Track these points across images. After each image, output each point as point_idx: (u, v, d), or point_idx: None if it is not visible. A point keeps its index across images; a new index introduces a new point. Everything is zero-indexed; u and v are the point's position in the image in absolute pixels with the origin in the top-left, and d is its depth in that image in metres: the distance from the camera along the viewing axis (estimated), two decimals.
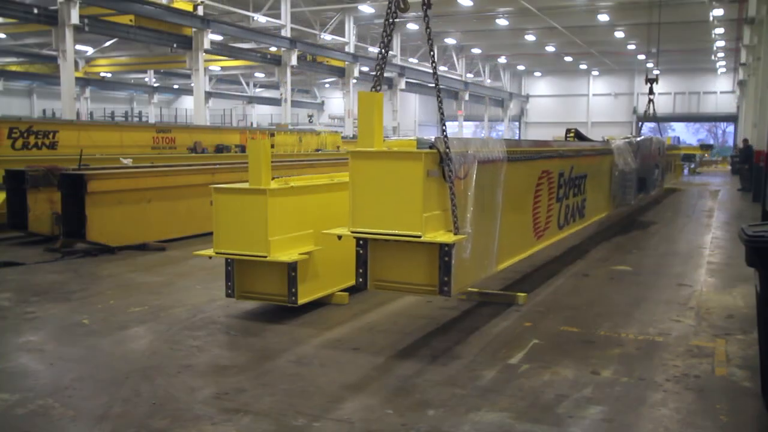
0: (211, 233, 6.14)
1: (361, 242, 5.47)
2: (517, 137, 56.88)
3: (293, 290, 5.99)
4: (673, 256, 9.69)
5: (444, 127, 5.48)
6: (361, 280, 5.46)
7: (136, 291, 7.23)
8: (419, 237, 5.12)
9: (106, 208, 9.60)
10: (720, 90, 53.37)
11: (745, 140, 23.48)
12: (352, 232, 5.42)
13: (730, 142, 53.42)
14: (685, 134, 57.28)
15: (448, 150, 5.27)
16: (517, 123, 60.86)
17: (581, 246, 10.44)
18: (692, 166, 32.85)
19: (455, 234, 5.28)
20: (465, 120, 52.08)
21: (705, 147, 35.50)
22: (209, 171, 11.62)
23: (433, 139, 5.38)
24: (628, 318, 6.26)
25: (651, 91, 18.51)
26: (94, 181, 9.50)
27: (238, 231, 5.99)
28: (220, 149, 23.51)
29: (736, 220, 13.72)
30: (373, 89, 5.63)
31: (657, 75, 19.47)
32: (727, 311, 6.51)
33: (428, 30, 5.59)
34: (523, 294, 6.82)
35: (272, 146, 23.63)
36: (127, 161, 13.37)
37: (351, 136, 34.94)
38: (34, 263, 8.64)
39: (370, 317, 6.22)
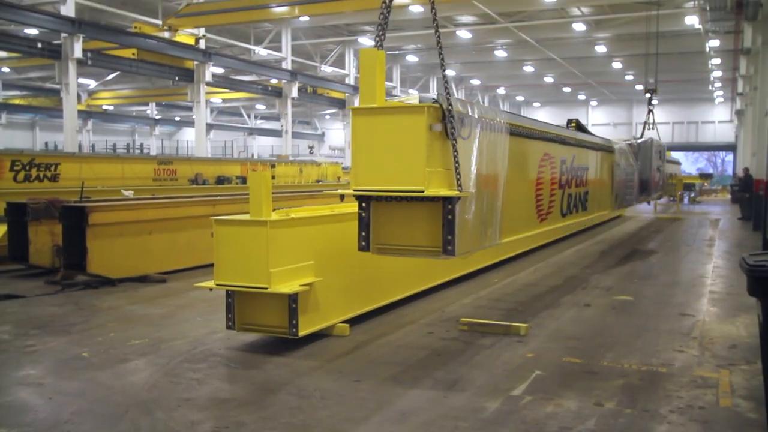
0: (212, 265, 6.13)
1: (363, 204, 5.37)
2: None
3: (294, 322, 5.97)
4: (674, 286, 9.66)
5: (446, 84, 5.44)
6: (363, 243, 5.37)
7: (137, 323, 7.20)
8: (422, 192, 5.02)
9: (107, 240, 9.60)
10: (718, 119, 53.68)
11: (746, 169, 23.55)
12: (354, 191, 5.34)
13: (729, 171, 53.59)
14: (685, 163, 57.45)
15: (450, 107, 5.21)
16: None
17: (582, 275, 10.42)
18: (692, 195, 32.91)
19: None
20: None
21: (704, 176, 35.57)
22: (210, 202, 11.65)
23: (435, 96, 5.35)
24: (630, 348, 6.22)
25: (650, 102, 18.66)
26: (96, 213, 9.52)
27: (239, 262, 5.98)
28: (221, 181, 23.60)
29: (737, 249, 13.71)
30: (376, 46, 5.53)
31: (655, 87, 19.63)
32: (730, 341, 6.47)
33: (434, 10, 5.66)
34: (524, 325, 6.79)
35: (273, 177, 23.72)
36: (129, 193, 13.42)
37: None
38: (34, 296, 8.62)
39: (371, 349, 6.19)
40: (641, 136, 16.75)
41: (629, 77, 44.42)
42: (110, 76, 38.09)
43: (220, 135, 55.61)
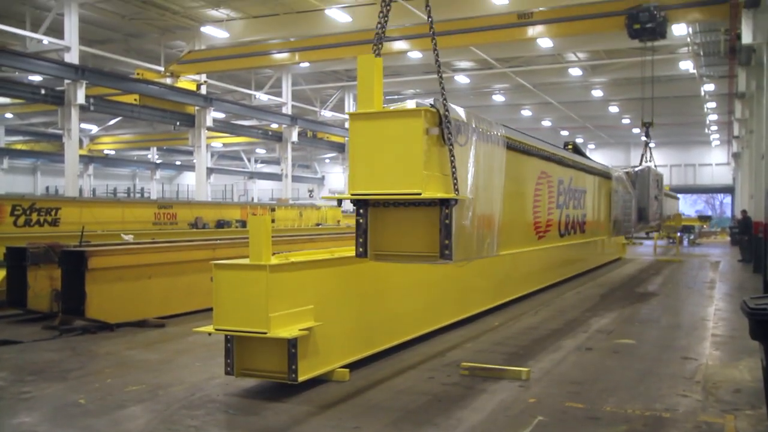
0: (211, 309, 6.11)
1: (360, 211, 5.41)
2: None
3: (293, 367, 5.91)
4: (676, 329, 9.60)
5: (443, 91, 5.52)
6: (361, 250, 5.38)
7: (134, 369, 7.13)
8: (419, 194, 5.04)
9: (106, 284, 9.57)
10: (715, 162, 54.06)
11: (744, 211, 23.63)
12: (352, 195, 5.40)
13: (728, 213, 53.72)
14: (683, 205, 57.65)
15: (447, 112, 5.29)
16: None
17: (583, 318, 10.36)
18: (691, 237, 32.94)
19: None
20: None
21: (703, 218, 35.73)
22: (210, 246, 11.64)
23: (432, 101, 5.38)
24: (633, 393, 6.15)
25: (647, 135, 18.80)
26: (95, 257, 9.51)
27: (239, 307, 5.96)
28: (221, 224, 23.65)
29: (739, 292, 13.66)
30: (374, 54, 5.62)
31: (652, 121, 19.86)
32: (734, 385, 6.41)
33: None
34: (526, 369, 6.72)
35: (273, 221, 23.76)
36: (129, 237, 13.42)
37: (351, 210, 35.15)
38: (31, 341, 8.55)
39: (371, 394, 6.12)
40: (639, 165, 16.89)
41: (626, 121, 44.90)
42: (112, 122, 38.52)
43: (220, 179, 55.91)
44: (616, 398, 5.96)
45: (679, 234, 30.59)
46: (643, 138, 18.88)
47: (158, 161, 52.54)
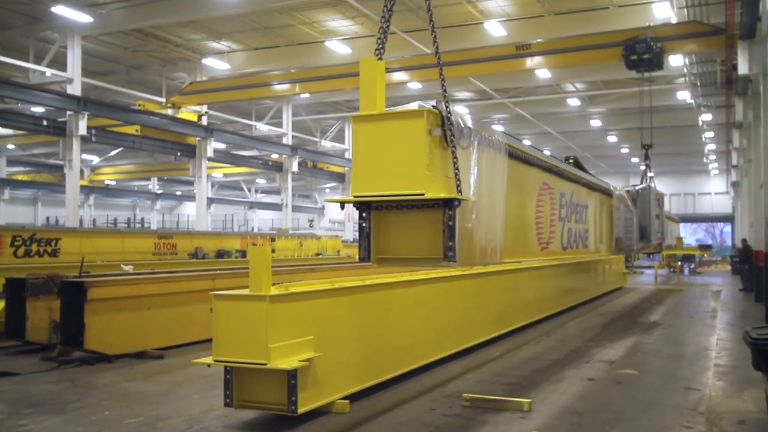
0: (211, 339, 6.07)
1: (363, 215, 5.40)
2: None
3: (293, 399, 5.86)
4: (679, 359, 9.53)
5: (445, 93, 5.55)
6: (364, 254, 5.37)
7: (133, 401, 7.07)
8: (422, 195, 5.03)
9: (106, 315, 9.53)
10: (714, 191, 54.19)
11: (744, 240, 23.62)
12: (355, 197, 5.36)
13: (728, 242, 53.68)
14: (683, 235, 57.65)
15: (449, 114, 5.31)
16: None
17: (585, 348, 10.29)
18: (692, 266, 32.88)
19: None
20: None
21: (704, 247, 35.76)
22: (209, 277, 11.61)
23: (434, 103, 5.42)
24: (637, 425, 6.09)
25: (646, 157, 18.89)
26: (94, 288, 9.48)
27: (238, 338, 5.93)
28: (221, 254, 23.61)
29: (741, 321, 13.59)
30: (377, 57, 5.66)
31: (651, 143, 19.99)
32: (738, 416, 6.34)
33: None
34: (528, 400, 6.66)
35: (273, 251, 23.73)
36: (128, 268, 13.41)
37: (351, 240, 35.16)
38: (29, 373, 8.48)
39: (371, 426, 6.05)
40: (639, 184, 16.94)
41: (625, 150, 45.12)
42: (113, 152, 38.73)
43: (220, 209, 55.98)
44: (619, 429, 5.90)
45: (679, 263, 30.55)
46: (642, 163, 18.99)
47: (159, 191, 52.67)
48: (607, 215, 12.01)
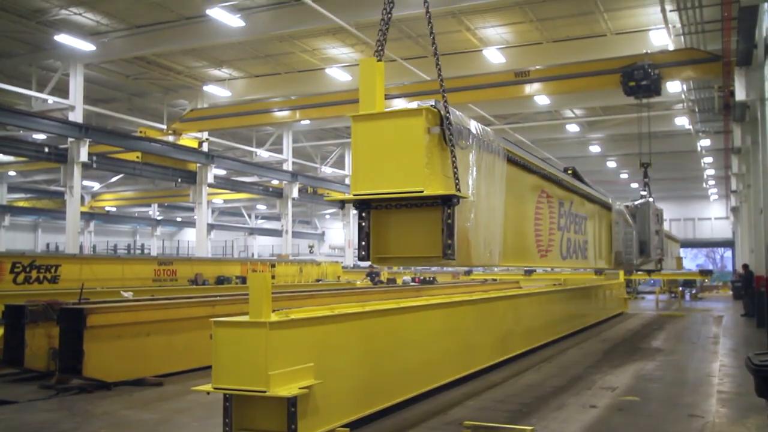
0: (210, 366, 6.03)
1: (363, 214, 5.42)
2: None
3: (293, 427, 5.80)
4: (681, 385, 9.47)
5: (443, 94, 5.60)
6: (363, 253, 5.38)
7: (131, 429, 7.01)
8: (421, 192, 5.04)
9: (105, 342, 9.48)
10: (714, 216, 54.23)
11: (745, 265, 23.58)
12: (354, 195, 5.40)
13: (729, 267, 53.57)
14: (684, 260, 57.57)
15: (448, 113, 5.35)
16: None
17: (586, 375, 10.22)
18: (693, 291, 32.78)
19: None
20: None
21: (704, 272, 35.69)
22: (209, 303, 11.58)
23: (433, 102, 5.44)
24: None
25: (646, 175, 19.01)
26: (94, 315, 9.44)
27: (238, 365, 5.89)
28: (220, 281, 23.56)
29: (743, 347, 13.52)
30: (376, 58, 5.72)
31: (650, 161, 20.10)
32: None
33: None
34: (530, 428, 6.60)
35: (273, 277, 23.69)
36: (128, 294, 13.36)
37: (352, 266, 35.11)
38: (27, 401, 8.42)
39: None
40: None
41: (624, 176, 45.26)
42: (114, 179, 38.85)
43: (220, 235, 56.00)
44: None
45: (680, 288, 30.46)
46: (642, 181, 19.14)
47: (159, 218, 52.74)
48: (607, 229, 12.07)
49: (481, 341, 10.19)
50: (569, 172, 12.35)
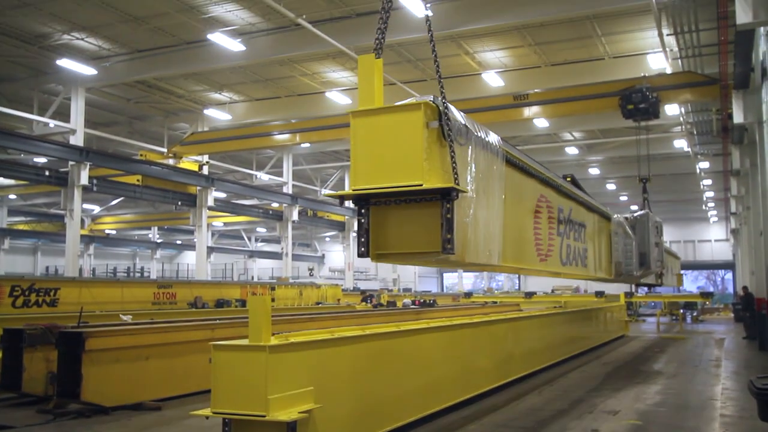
0: (210, 390, 5.99)
1: (362, 211, 5.41)
2: (517, 287, 56.99)
3: None
4: (684, 409, 9.39)
5: (442, 89, 5.69)
6: (362, 249, 5.36)
7: None
8: (420, 186, 5.03)
9: (103, 366, 9.42)
10: (714, 238, 54.18)
11: (745, 288, 23.53)
12: (354, 190, 5.38)
13: (730, 289, 53.40)
14: (684, 282, 57.38)
15: (446, 109, 5.39)
16: (516, 273, 61.19)
17: (588, 398, 10.15)
18: (694, 314, 32.67)
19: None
20: (465, 271, 52.42)
21: (705, 295, 35.64)
22: (209, 327, 11.52)
23: (432, 97, 5.46)
24: None
25: (645, 190, 19.07)
26: (92, 338, 9.39)
27: (237, 389, 5.85)
28: (220, 304, 23.48)
29: (746, 370, 13.44)
30: (375, 53, 5.77)
31: (649, 177, 20.18)
32: None
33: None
34: None
35: (273, 300, 23.62)
36: (127, 318, 13.31)
37: (351, 288, 35.03)
38: (24, 426, 8.35)
39: None
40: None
41: (624, 198, 45.31)
42: (114, 202, 38.89)
43: (220, 258, 55.93)
44: None
45: (681, 311, 30.37)
46: (641, 196, 19.27)
47: (159, 241, 52.70)
48: (606, 239, 12.07)
49: (481, 364, 10.14)
50: (568, 179, 12.41)
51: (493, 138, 6.62)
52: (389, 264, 40.51)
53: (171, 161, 27.76)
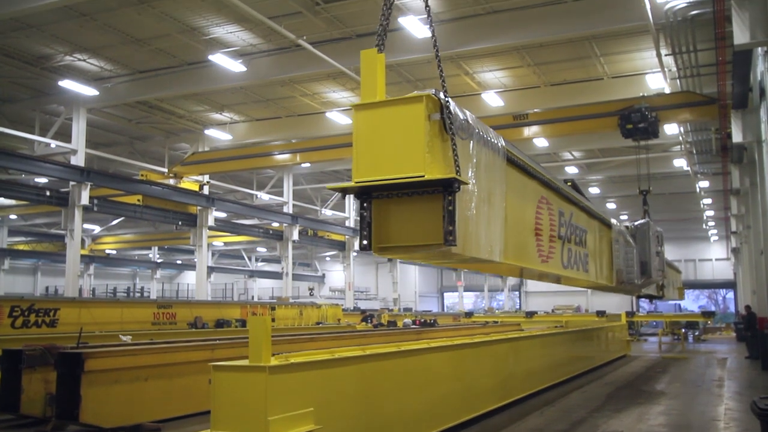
0: (209, 411, 5.95)
1: (364, 204, 5.44)
2: (518, 306, 56.85)
3: None
4: (686, 429, 9.33)
5: (443, 84, 5.81)
6: (365, 243, 5.38)
7: None
8: (422, 177, 5.06)
9: (102, 387, 9.37)
10: (715, 257, 54.10)
11: (748, 307, 23.45)
12: (356, 182, 5.39)
13: (732, 309, 53.22)
14: (686, 301, 57.24)
15: (448, 102, 5.44)
16: (516, 292, 61.04)
17: (590, 419, 10.08)
18: (696, 333, 32.53)
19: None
20: (465, 290, 52.35)
21: (707, 314, 35.55)
22: (208, 347, 11.47)
23: (433, 91, 5.51)
24: None
25: (645, 202, 19.09)
26: (91, 359, 9.35)
27: (237, 410, 5.81)
28: (220, 324, 23.40)
29: (749, 390, 13.36)
30: (377, 50, 5.82)
31: (649, 188, 20.25)
32: None
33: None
34: None
35: (273, 320, 23.53)
36: (127, 338, 13.26)
37: (352, 308, 34.93)
38: None
39: None
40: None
41: (624, 217, 45.27)
42: (114, 222, 38.91)
43: (220, 278, 55.84)
44: None
45: (683, 330, 30.24)
46: (644, 207, 19.34)
47: (159, 261, 52.64)
48: (607, 246, 12.11)
49: (483, 384, 10.08)
50: (569, 183, 12.45)
51: (494, 135, 6.66)
52: (389, 269, 40.33)
53: (172, 181, 27.81)
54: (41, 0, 15.32)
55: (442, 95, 5.60)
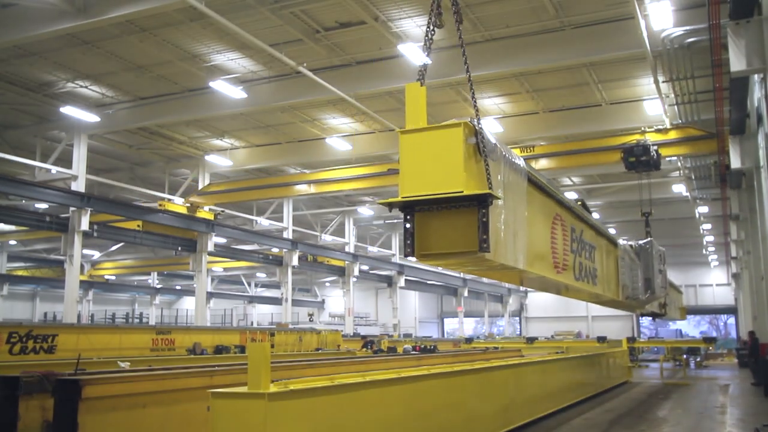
0: None
1: (408, 217, 6.19)
2: (518, 332, 56.59)
3: None
4: None
5: (476, 111, 6.73)
6: (409, 251, 6.17)
7: None
8: (461, 192, 5.84)
9: (100, 414, 9.26)
10: (716, 282, 53.89)
11: (752, 333, 23.33)
12: (402, 198, 6.16)
13: (733, 334, 52.95)
14: (687, 327, 56.97)
15: (481, 127, 6.29)
16: (517, 318, 60.77)
17: None
18: (698, 359, 32.34)
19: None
20: (465, 316, 52.08)
21: (708, 340, 35.41)
22: (207, 373, 11.36)
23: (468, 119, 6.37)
24: None
25: (647, 224, 19.44)
26: (90, 386, 9.25)
27: None
28: (219, 350, 23.25)
29: (752, 418, 13.25)
30: (418, 81, 6.75)
31: (651, 211, 20.64)
32: None
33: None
34: None
35: (272, 346, 23.40)
36: (125, 364, 13.18)
37: (351, 334, 34.76)
38: None
39: None
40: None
41: (623, 242, 45.25)
42: (114, 247, 38.87)
43: (220, 303, 55.62)
44: None
45: (685, 356, 30.07)
46: (647, 228, 19.63)
47: (158, 286, 52.49)
48: (614, 262, 13.13)
49: (483, 411, 10.01)
50: (579, 203, 12.79)
51: (518, 158, 7.39)
52: (389, 294, 39.92)
53: (187, 212, 28.02)
54: (44, 28, 15.47)
55: (476, 122, 6.36)
